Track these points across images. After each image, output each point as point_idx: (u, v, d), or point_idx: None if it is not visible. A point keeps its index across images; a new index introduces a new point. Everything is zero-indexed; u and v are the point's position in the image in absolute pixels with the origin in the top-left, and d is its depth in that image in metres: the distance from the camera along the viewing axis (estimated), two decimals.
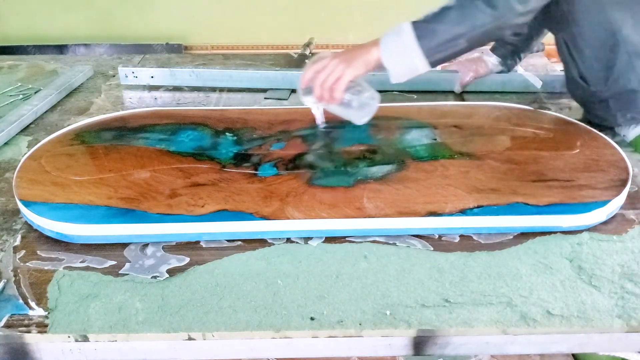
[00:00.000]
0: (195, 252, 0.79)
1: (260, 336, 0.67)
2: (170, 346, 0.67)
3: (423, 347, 0.68)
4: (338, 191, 0.86)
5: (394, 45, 0.91)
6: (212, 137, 1.01)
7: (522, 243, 0.79)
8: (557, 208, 0.81)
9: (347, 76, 0.92)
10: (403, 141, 1.00)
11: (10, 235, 0.82)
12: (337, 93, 0.92)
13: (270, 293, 0.71)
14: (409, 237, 0.81)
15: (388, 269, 0.75)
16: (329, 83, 0.92)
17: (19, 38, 1.85)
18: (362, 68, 0.92)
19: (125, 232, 0.79)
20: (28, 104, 1.19)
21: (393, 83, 0.95)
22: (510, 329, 0.67)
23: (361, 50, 0.93)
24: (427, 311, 0.68)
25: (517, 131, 1.02)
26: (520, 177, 0.88)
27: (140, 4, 1.82)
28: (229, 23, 1.85)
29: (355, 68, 0.92)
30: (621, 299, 0.70)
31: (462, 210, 0.81)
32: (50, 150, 0.97)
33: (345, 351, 0.68)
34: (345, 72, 0.91)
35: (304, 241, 0.80)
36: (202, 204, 0.83)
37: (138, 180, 0.88)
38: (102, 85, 1.36)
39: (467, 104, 1.18)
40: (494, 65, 1.26)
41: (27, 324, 0.67)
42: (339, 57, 0.93)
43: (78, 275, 0.74)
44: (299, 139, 1.00)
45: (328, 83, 0.92)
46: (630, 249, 0.78)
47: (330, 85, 0.92)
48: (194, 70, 1.31)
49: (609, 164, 0.91)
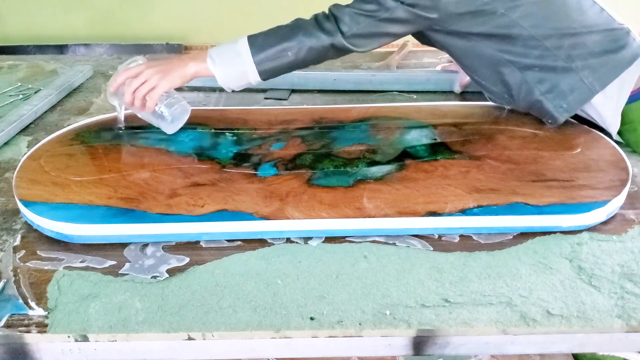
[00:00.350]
0: (195, 252, 0.79)
1: (260, 336, 0.67)
2: (170, 346, 0.67)
3: (423, 347, 0.68)
4: (338, 191, 0.86)
5: (226, 52, 0.95)
6: (212, 137, 1.01)
7: (522, 243, 0.79)
8: (557, 208, 0.81)
9: (161, 87, 0.93)
10: (403, 141, 1.00)
11: (10, 235, 0.82)
12: (150, 103, 0.94)
13: (270, 293, 0.71)
14: (408, 237, 0.81)
15: (388, 269, 0.75)
16: (142, 92, 0.93)
17: (19, 38, 1.85)
18: (178, 80, 0.94)
19: (125, 232, 0.79)
20: (28, 104, 1.19)
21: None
22: (510, 329, 0.67)
23: (178, 62, 0.95)
24: (427, 311, 0.68)
25: (516, 131, 1.02)
26: (520, 177, 0.88)
27: (140, 4, 1.82)
28: (229, 23, 1.85)
29: (171, 80, 0.93)
30: (621, 299, 0.70)
31: (462, 210, 0.81)
32: (49, 150, 0.97)
33: (345, 351, 0.68)
34: (161, 83, 0.93)
35: (303, 241, 0.80)
36: (202, 204, 0.83)
37: (138, 180, 0.88)
38: (102, 85, 1.36)
39: (467, 104, 1.18)
40: None
41: (27, 324, 0.67)
42: (155, 67, 0.94)
43: (78, 275, 0.74)
44: (299, 139, 1.00)
45: (141, 92, 0.93)
46: (630, 249, 0.78)
47: (143, 94, 0.93)
48: None
49: (609, 164, 0.91)
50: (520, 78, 0.99)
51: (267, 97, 1.27)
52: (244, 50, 0.94)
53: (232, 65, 0.95)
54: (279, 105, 1.24)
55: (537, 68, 0.97)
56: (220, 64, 0.95)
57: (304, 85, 1.31)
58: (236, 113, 1.12)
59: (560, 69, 0.96)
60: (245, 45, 0.94)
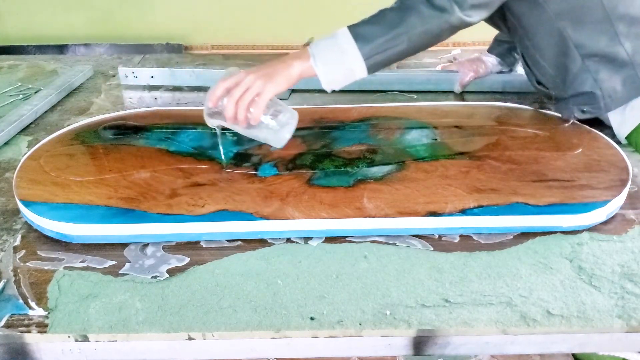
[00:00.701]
0: (195, 252, 0.79)
1: (260, 336, 0.67)
2: (170, 346, 0.67)
3: (423, 347, 0.68)
4: (338, 191, 0.86)
5: (328, 49, 0.86)
6: (212, 137, 1.01)
7: (522, 243, 0.79)
8: (557, 208, 0.81)
9: (268, 93, 0.84)
10: (403, 141, 1.00)
11: (10, 235, 0.82)
12: (257, 111, 0.84)
13: (270, 293, 0.71)
14: (409, 237, 0.81)
15: (388, 269, 0.75)
16: (246, 101, 0.83)
17: (19, 38, 1.85)
18: (284, 83, 0.85)
19: (125, 232, 0.79)
20: (28, 104, 1.19)
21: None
22: (510, 329, 0.67)
23: (281, 64, 0.86)
24: (427, 311, 0.68)
25: (517, 131, 1.02)
26: (520, 177, 0.88)
27: (140, 4, 1.82)
28: (229, 23, 1.85)
29: (277, 84, 0.84)
30: (621, 299, 0.70)
31: (462, 210, 0.81)
32: (49, 150, 0.97)
33: (345, 351, 0.68)
34: (266, 88, 0.83)
35: (304, 241, 0.80)
36: (202, 204, 0.83)
37: (138, 180, 0.88)
38: (102, 85, 1.36)
39: (467, 104, 1.18)
40: (493, 65, 1.26)
41: (27, 324, 0.67)
42: (255, 72, 0.85)
43: (78, 275, 0.74)
44: (299, 139, 1.00)
45: (245, 101, 0.83)
46: (630, 249, 0.78)
47: (247, 103, 0.83)
48: (194, 70, 1.31)
49: (609, 164, 0.91)
50: (580, 65, 0.98)
51: None
52: (348, 45, 0.85)
53: (337, 63, 0.86)
54: None
55: (598, 57, 0.97)
56: (324, 63, 0.86)
57: (304, 85, 1.30)
58: None
59: (620, 61, 0.96)
60: (349, 40, 0.85)
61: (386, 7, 0.87)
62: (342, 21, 0.90)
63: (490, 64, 1.26)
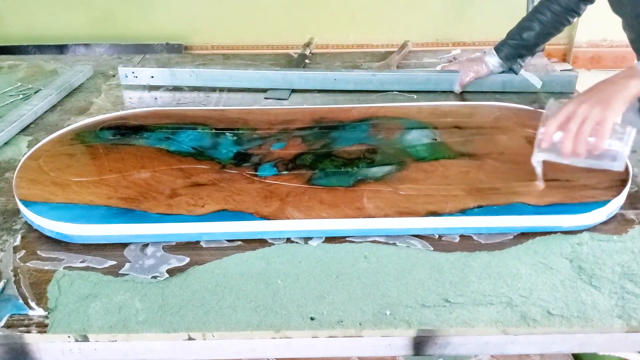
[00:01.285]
0: (195, 252, 0.79)
1: (260, 336, 0.67)
2: (170, 346, 0.67)
3: (423, 347, 0.68)
4: (338, 191, 0.86)
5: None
6: (212, 137, 1.01)
7: (522, 243, 0.79)
8: (557, 208, 0.81)
9: (609, 119, 0.78)
10: (403, 141, 1.00)
11: (10, 235, 0.82)
12: (601, 140, 0.78)
13: (270, 293, 0.71)
14: (409, 237, 0.81)
15: (388, 269, 0.75)
16: (586, 132, 0.78)
17: (19, 38, 1.85)
18: (622, 107, 0.79)
19: (125, 232, 0.79)
20: (28, 104, 1.19)
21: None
22: (510, 329, 0.67)
23: (614, 86, 0.81)
24: (427, 311, 0.68)
25: (517, 131, 1.02)
26: (520, 177, 0.88)
27: (140, 4, 1.82)
28: (229, 23, 1.85)
29: (616, 108, 0.78)
30: (621, 299, 0.70)
31: (462, 210, 0.81)
32: (49, 150, 0.97)
33: (345, 351, 0.68)
34: (606, 115, 0.78)
35: (304, 241, 0.80)
36: (202, 204, 0.83)
37: (138, 180, 0.88)
38: (102, 85, 1.36)
39: (467, 104, 1.18)
40: (494, 66, 1.26)
41: (27, 324, 0.67)
42: (587, 101, 0.80)
43: (78, 275, 0.74)
44: (299, 139, 1.00)
45: (584, 133, 0.78)
46: (630, 249, 0.78)
47: (586, 134, 0.78)
48: (194, 70, 1.31)
49: None
50: None
51: (267, 97, 1.27)
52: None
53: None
54: (279, 105, 1.24)
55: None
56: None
57: (304, 85, 1.31)
58: (236, 113, 1.12)
59: None
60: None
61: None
62: (342, 21, 0.90)
63: (492, 64, 1.25)
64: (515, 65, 1.25)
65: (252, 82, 1.31)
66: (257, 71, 1.31)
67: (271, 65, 1.48)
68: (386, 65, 1.43)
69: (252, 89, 1.31)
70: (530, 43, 1.22)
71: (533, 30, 1.20)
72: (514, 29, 1.24)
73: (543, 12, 1.19)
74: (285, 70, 1.32)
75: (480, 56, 1.27)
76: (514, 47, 1.23)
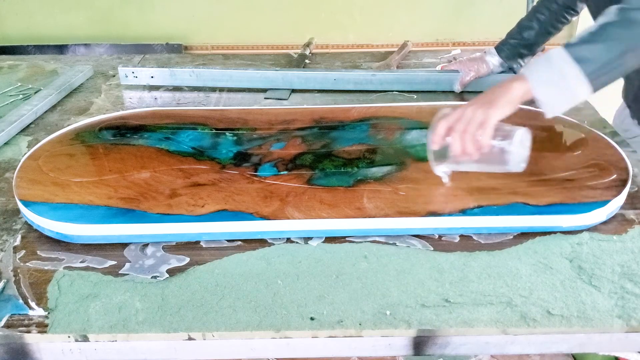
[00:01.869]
0: (195, 252, 0.79)
1: (260, 336, 0.67)
2: (170, 346, 0.67)
3: (423, 347, 0.68)
4: (338, 191, 0.86)
5: (547, 74, 0.81)
6: (212, 137, 1.01)
7: (522, 243, 0.79)
8: (557, 208, 0.81)
9: (492, 117, 0.80)
10: (403, 141, 1.00)
11: (10, 235, 0.82)
12: (485, 136, 0.80)
13: (270, 293, 0.71)
14: (409, 237, 0.81)
15: (388, 269, 0.75)
16: (471, 131, 0.80)
17: (19, 38, 1.85)
18: (507, 106, 0.81)
19: (125, 232, 0.79)
20: (28, 104, 1.19)
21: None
22: (510, 329, 0.67)
23: (499, 89, 0.83)
24: (427, 311, 0.68)
25: None
26: (520, 177, 0.88)
27: (140, 4, 1.82)
28: (229, 23, 1.85)
29: (499, 108, 0.80)
30: (621, 299, 0.70)
31: (462, 210, 0.81)
32: (49, 150, 0.97)
33: (345, 351, 0.68)
34: (489, 114, 0.80)
35: (304, 241, 0.80)
36: (202, 204, 0.83)
37: (138, 180, 0.88)
38: (102, 85, 1.36)
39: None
40: (494, 66, 1.26)
41: (27, 324, 0.67)
42: (474, 103, 0.82)
43: (78, 275, 0.74)
44: (299, 139, 1.00)
45: (470, 132, 0.80)
46: (630, 249, 0.78)
47: (472, 133, 0.80)
48: (194, 70, 1.31)
49: (609, 164, 0.91)
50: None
51: (267, 97, 1.27)
52: (570, 68, 0.79)
53: (557, 87, 0.80)
54: (279, 105, 1.24)
55: None
56: (543, 86, 0.81)
57: (303, 85, 1.31)
58: (236, 113, 1.12)
59: None
60: (569, 62, 0.79)
61: (605, 21, 0.80)
62: (342, 21, 0.90)
63: (492, 64, 1.25)
64: (515, 64, 1.25)
65: (252, 82, 1.31)
66: (257, 71, 1.31)
67: (271, 65, 1.48)
68: (386, 65, 1.43)
69: (252, 89, 1.31)
70: (531, 42, 1.22)
71: (533, 29, 1.21)
72: (515, 29, 1.24)
73: (542, 11, 1.20)
74: (285, 70, 1.32)
75: (481, 55, 1.27)
76: (514, 46, 1.24)
